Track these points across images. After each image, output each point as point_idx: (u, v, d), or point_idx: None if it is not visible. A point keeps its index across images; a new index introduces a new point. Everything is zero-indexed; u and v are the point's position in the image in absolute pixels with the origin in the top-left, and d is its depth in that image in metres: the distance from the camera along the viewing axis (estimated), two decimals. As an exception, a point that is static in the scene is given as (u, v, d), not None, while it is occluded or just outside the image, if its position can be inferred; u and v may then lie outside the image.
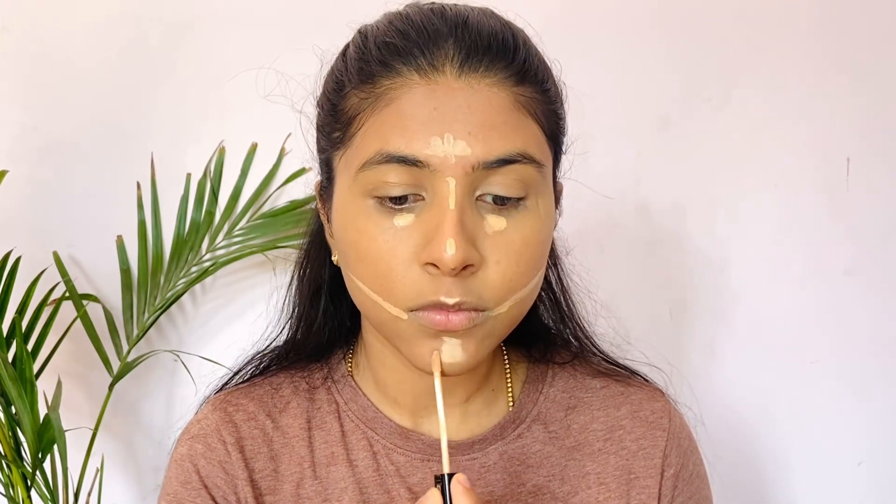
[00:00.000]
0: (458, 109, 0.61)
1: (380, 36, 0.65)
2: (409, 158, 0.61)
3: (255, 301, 1.41)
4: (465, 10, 0.66)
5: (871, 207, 1.39)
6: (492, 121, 0.61)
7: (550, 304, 0.80)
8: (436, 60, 0.62)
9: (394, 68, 0.63)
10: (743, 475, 1.40)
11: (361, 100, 0.64)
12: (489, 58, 0.63)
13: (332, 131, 0.67)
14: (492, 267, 0.62)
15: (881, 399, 1.41)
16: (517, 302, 0.65)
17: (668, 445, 0.76)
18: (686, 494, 0.77)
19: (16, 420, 1.22)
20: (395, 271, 0.62)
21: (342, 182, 0.66)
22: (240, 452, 0.73)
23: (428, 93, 0.61)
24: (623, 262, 1.39)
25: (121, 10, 1.38)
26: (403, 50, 0.63)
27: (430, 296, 0.62)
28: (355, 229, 0.64)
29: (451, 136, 0.60)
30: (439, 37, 0.63)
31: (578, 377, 0.80)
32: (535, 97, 0.64)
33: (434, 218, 0.61)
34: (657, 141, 1.39)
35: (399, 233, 0.62)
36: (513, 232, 0.63)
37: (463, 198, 0.61)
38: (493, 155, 0.61)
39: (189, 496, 0.73)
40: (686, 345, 1.40)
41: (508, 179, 0.62)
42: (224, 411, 0.75)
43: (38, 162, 1.39)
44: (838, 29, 1.38)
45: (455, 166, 0.60)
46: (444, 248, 0.59)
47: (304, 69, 0.73)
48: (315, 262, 0.77)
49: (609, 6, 1.38)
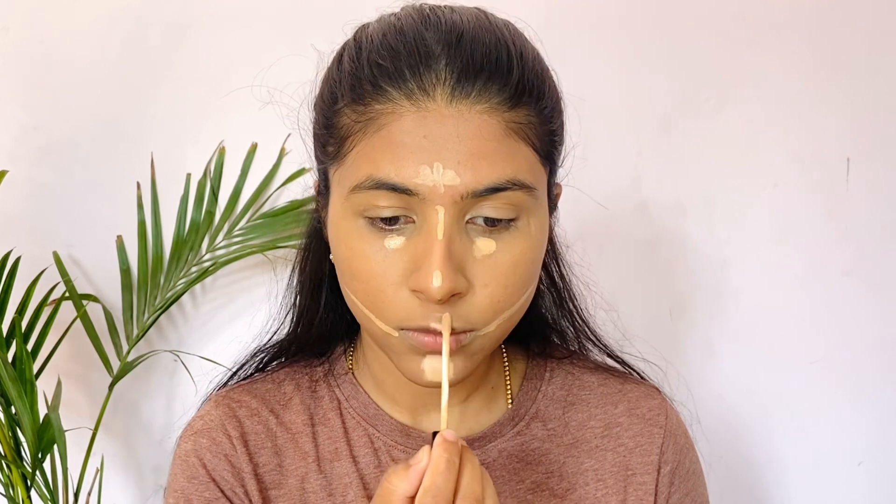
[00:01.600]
0: (448, 138, 0.60)
1: (373, 53, 0.64)
2: (398, 186, 0.61)
3: (255, 301, 1.41)
4: (460, 24, 0.64)
5: (871, 208, 1.39)
6: (482, 149, 0.61)
7: (551, 297, 0.80)
8: (427, 84, 0.61)
9: (385, 92, 0.62)
10: (742, 475, 1.40)
11: (353, 122, 0.63)
12: (482, 81, 0.61)
13: (327, 144, 0.67)
14: (479, 290, 0.63)
15: (880, 399, 1.41)
16: (505, 320, 0.65)
17: (664, 442, 0.77)
18: (682, 491, 0.77)
19: (16, 420, 1.22)
20: (385, 292, 0.63)
21: (336, 196, 0.66)
22: (244, 446, 0.74)
23: (419, 120, 0.61)
24: (623, 262, 1.39)
25: (121, 10, 1.39)
26: (395, 73, 0.62)
27: (419, 320, 0.62)
28: (347, 247, 0.64)
29: (440, 166, 0.60)
30: (430, 57, 0.62)
31: (576, 374, 0.80)
32: (528, 120, 0.63)
33: (422, 244, 0.61)
34: (657, 141, 1.39)
35: (389, 255, 0.62)
36: (502, 254, 0.63)
37: (451, 225, 0.61)
38: (482, 184, 0.61)
39: (197, 491, 0.73)
40: (685, 345, 1.40)
41: (499, 203, 0.62)
42: (227, 406, 0.76)
43: (38, 162, 1.39)
44: (838, 29, 1.38)
45: (444, 195, 0.60)
46: (431, 279, 0.60)
47: (304, 71, 0.73)
48: (316, 255, 0.77)
49: (609, 6, 1.38)
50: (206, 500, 0.73)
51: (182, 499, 0.73)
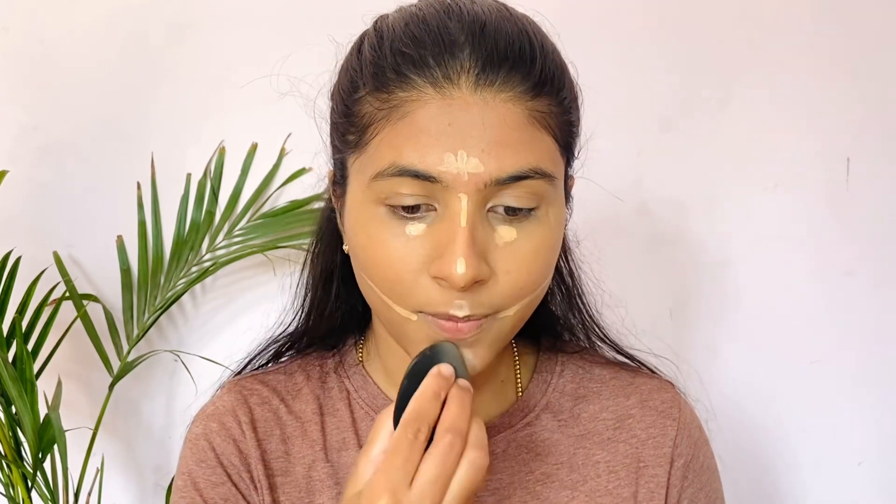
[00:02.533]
0: (473, 125, 0.61)
1: (395, 41, 0.64)
2: (422, 173, 0.61)
3: (255, 301, 1.41)
4: (482, 13, 0.65)
5: (871, 207, 1.39)
6: (505, 137, 0.61)
7: (560, 293, 0.80)
8: (451, 72, 0.62)
9: (409, 79, 0.62)
10: (742, 475, 1.40)
11: (377, 109, 0.63)
12: (506, 70, 0.62)
13: (347, 133, 0.67)
14: (501, 277, 0.63)
15: (881, 399, 1.41)
16: (524, 306, 0.66)
17: (678, 435, 0.77)
18: (696, 486, 0.77)
19: (16, 420, 1.22)
20: (405, 279, 0.63)
21: (355, 185, 0.66)
22: (253, 432, 0.74)
23: (443, 107, 0.61)
24: (623, 262, 1.39)
25: (121, 10, 1.38)
26: (419, 61, 0.62)
27: (440, 306, 0.63)
28: (367, 234, 0.64)
29: (464, 153, 0.60)
30: (455, 46, 0.62)
31: (587, 367, 0.81)
32: (550, 109, 0.64)
33: (445, 231, 0.62)
34: (658, 141, 1.39)
35: (410, 242, 0.62)
36: (523, 242, 0.63)
37: (474, 213, 0.61)
38: (505, 172, 0.61)
39: (204, 474, 0.73)
40: (686, 345, 1.40)
41: (520, 192, 0.62)
42: (239, 393, 0.77)
43: (38, 162, 1.39)
44: (838, 29, 1.38)
45: (467, 183, 0.61)
46: (455, 266, 0.60)
47: (310, 65, 0.73)
48: (328, 246, 0.77)
49: (609, 6, 1.38)
50: (212, 484, 0.73)
51: (189, 481, 0.73)
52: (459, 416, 0.59)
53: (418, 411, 0.59)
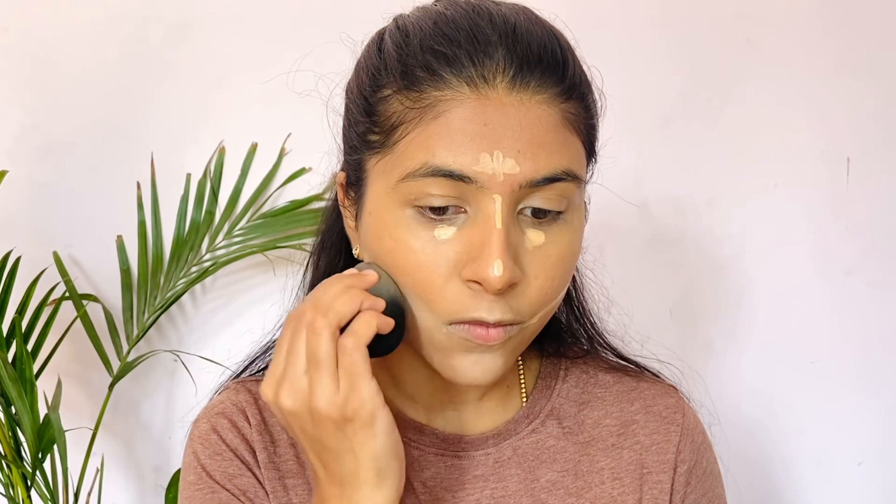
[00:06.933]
0: (509, 126, 0.60)
1: (425, 39, 0.63)
2: (456, 174, 0.60)
3: (255, 301, 1.41)
4: (511, 16, 0.64)
5: (872, 207, 1.39)
6: (541, 139, 0.61)
7: (565, 301, 0.80)
8: (486, 72, 0.61)
9: (442, 78, 0.61)
10: (742, 474, 1.40)
11: (407, 108, 0.62)
12: (540, 72, 0.62)
13: (368, 133, 0.65)
14: (531, 282, 0.63)
15: (882, 399, 1.41)
16: (546, 313, 0.66)
17: (681, 441, 0.76)
18: (699, 492, 0.77)
19: (16, 420, 1.22)
20: (434, 284, 0.62)
21: (378, 187, 0.65)
22: (262, 434, 0.73)
23: (479, 107, 0.60)
24: (624, 262, 1.39)
25: (121, 10, 1.38)
26: (453, 59, 0.61)
27: (470, 311, 0.62)
28: (392, 239, 0.63)
29: (500, 154, 0.60)
30: (489, 45, 0.61)
31: (591, 373, 0.80)
32: (579, 112, 0.64)
33: (478, 234, 0.61)
34: (658, 141, 1.39)
35: (440, 246, 0.62)
36: (551, 246, 0.63)
37: (507, 215, 0.61)
38: (540, 174, 0.61)
39: (220, 466, 0.71)
40: (686, 345, 1.40)
41: (551, 195, 0.62)
42: (248, 393, 0.75)
43: (38, 162, 1.39)
44: (838, 29, 1.38)
45: (503, 184, 0.60)
46: (492, 269, 0.60)
47: (308, 67, 0.73)
48: (331, 252, 0.77)
49: (609, 6, 1.38)
50: (229, 476, 0.71)
51: (204, 474, 0.71)
52: (366, 325, 0.61)
53: (315, 298, 0.61)
